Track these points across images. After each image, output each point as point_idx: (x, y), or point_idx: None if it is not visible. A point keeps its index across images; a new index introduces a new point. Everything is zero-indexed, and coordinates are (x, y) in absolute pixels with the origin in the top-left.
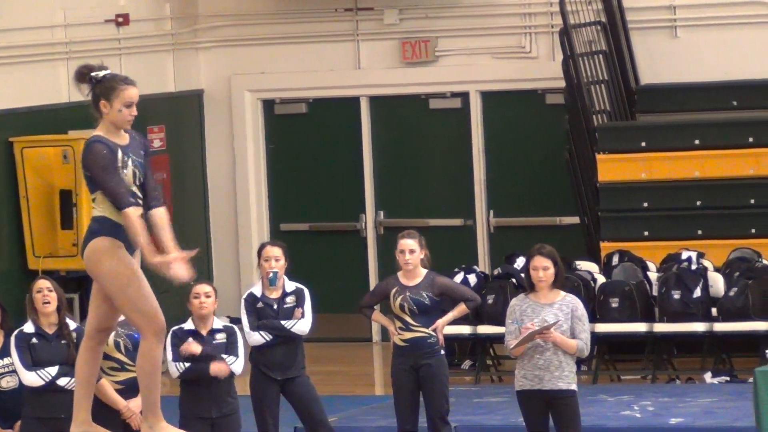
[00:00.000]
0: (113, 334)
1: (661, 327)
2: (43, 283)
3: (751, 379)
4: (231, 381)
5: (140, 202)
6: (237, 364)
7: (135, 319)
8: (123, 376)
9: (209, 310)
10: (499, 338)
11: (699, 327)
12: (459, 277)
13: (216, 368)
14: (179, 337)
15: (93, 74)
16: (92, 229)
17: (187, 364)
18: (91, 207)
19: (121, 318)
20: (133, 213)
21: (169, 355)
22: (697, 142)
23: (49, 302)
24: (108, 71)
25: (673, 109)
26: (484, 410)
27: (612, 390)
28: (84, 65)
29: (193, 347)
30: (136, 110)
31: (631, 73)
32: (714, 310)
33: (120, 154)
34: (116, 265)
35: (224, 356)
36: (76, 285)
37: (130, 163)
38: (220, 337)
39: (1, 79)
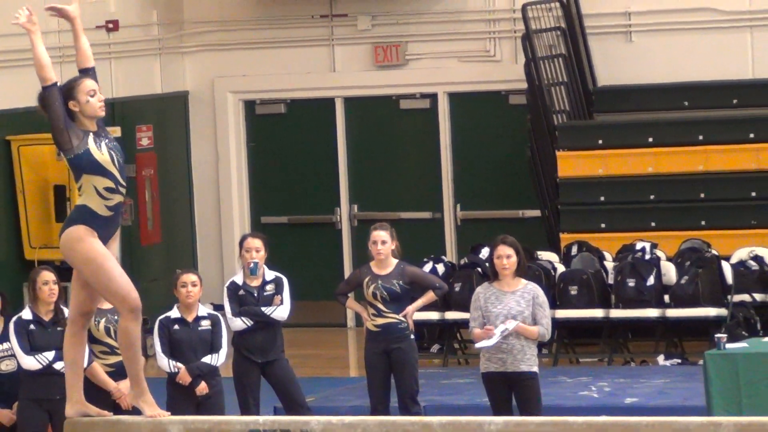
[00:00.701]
0: (103, 320)
1: (616, 313)
2: (49, 276)
3: (701, 362)
4: (215, 367)
5: (122, 189)
6: (221, 355)
7: (110, 299)
8: (113, 359)
9: (195, 298)
10: (466, 324)
11: (652, 313)
12: (428, 267)
13: (199, 389)
14: (166, 327)
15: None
16: (70, 217)
17: (175, 363)
18: None
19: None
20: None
21: (157, 347)
22: (650, 139)
23: (54, 294)
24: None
25: (628, 109)
26: (451, 391)
27: (571, 372)
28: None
29: (184, 377)
30: (102, 96)
31: (588, 76)
32: (666, 297)
33: (91, 137)
34: (88, 250)
35: (206, 359)
36: (69, 274)
37: (103, 145)
38: (205, 324)
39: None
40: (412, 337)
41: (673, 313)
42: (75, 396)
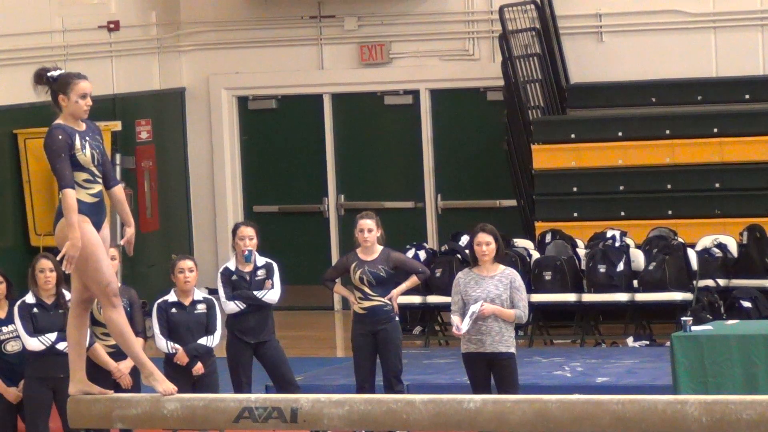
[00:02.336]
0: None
1: (588, 297)
2: (45, 264)
3: (668, 343)
4: (211, 348)
5: (99, 180)
6: (215, 337)
7: (92, 286)
8: (113, 340)
9: (192, 284)
10: (446, 307)
11: (622, 297)
12: (411, 253)
13: (195, 369)
14: (164, 310)
15: (48, 74)
16: (59, 208)
17: (173, 344)
18: None
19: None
20: (70, 194)
21: (156, 329)
22: (620, 134)
23: (50, 281)
24: (61, 71)
25: (599, 105)
26: (433, 370)
27: (546, 353)
28: (41, 68)
29: (182, 358)
30: (91, 101)
31: (562, 74)
32: (635, 282)
33: (77, 138)
34: (81, 237)
35: (201, 341)
36: None
37: (87, 145)
38: (201, 308)
39: (7, 78)
40: (397, 319)
41: (641, 297)
42: (78, 375)
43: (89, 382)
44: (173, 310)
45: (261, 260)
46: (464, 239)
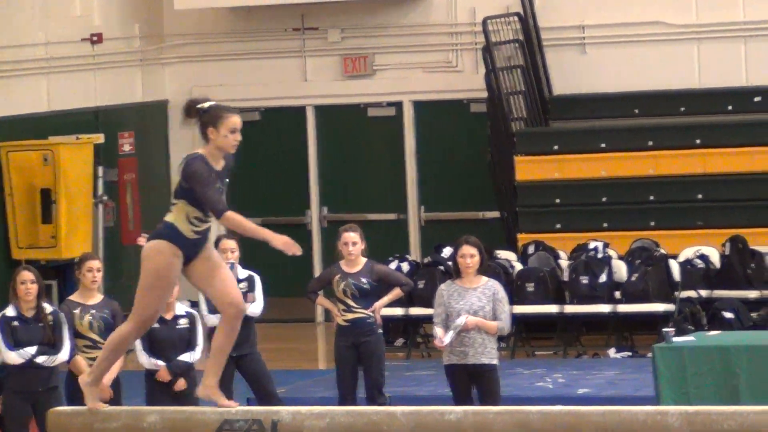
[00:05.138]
0: (87, 315)
1: (570, 308)
2: (27, 275)
3: (650, 354)
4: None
5: (209, 220)
6: (197, 352)
7: (135, 308)
8: (95, 353)
9: (175, 297)
10: (429, 319)
11: (604, 308)
12: (393, 265)
13: (177, 386)
14: None
15: (198, 106)
16: (159, 230)
17: (155, 360)
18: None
19: (95, 301)
20: (232, 215)
21: (138, 344)
22: (603, 145)
23: (30, 293)
24: (212, 102)
25: (582, 117)
26: (415, 382)
27: (528, 364)
28: (190, 100)
29: (164, 375)
30: (240, 136)
31: (545, 85)
32: (617, 293)
33: (214, 176)
34: (160, 267)
35: (183, 357)
36: (54, 273)
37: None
38: (183, 323)
39: None
40: (380, 331)
41: (623, 308)
42: (210, 380)
43: (219, 391)
44: (155, 325)
45: (243, 273)
46: (447, 251)
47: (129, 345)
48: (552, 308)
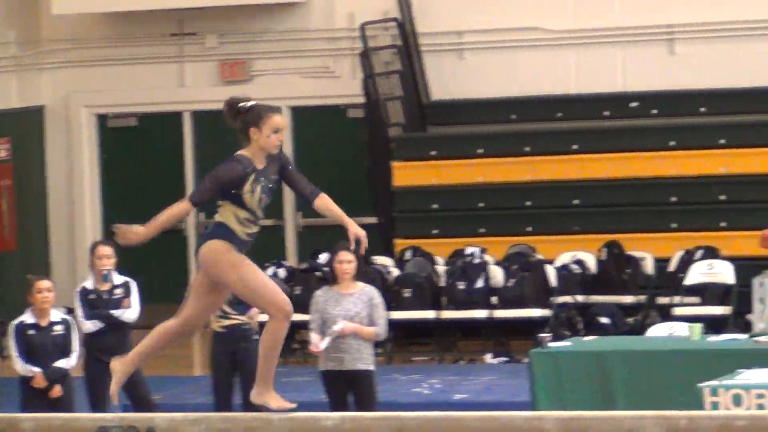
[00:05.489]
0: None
1: (447, 314)
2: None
3: (527, 360)
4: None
5: (259, 222)
6: (72, 358)
7: (260, 303)
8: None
9: (50, 303)
10: (306, 325)
11: (481, 314)
12: (270, 271)
13: (53, 392)
14: (22, 331)
15: (240, 105)
16: (211, 232)
17: (30, 367)
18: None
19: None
20: (185, 207)
21: (13, 350)
22: (480, 151)
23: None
24: (253, 101)
25: (460, 122)
26: (291, 388)
27: (404, 370)
28: (231, 98)
29: (40, 382)
30: (282, 135)
31: (423, 91)
32: (494, 299)
33: (251, 179)
34: (232, 258)
35: (59, 363)
36: None
37: (259, 188)
38: (58, 329)
39: None
40: (256, 337)
41: (500, 313)
42: (261, 385)
43: (272, 395)
44: (30, 331)
45: (119, 279)
46: (323, 257)
47: (282, 338)
48: (429, 314)
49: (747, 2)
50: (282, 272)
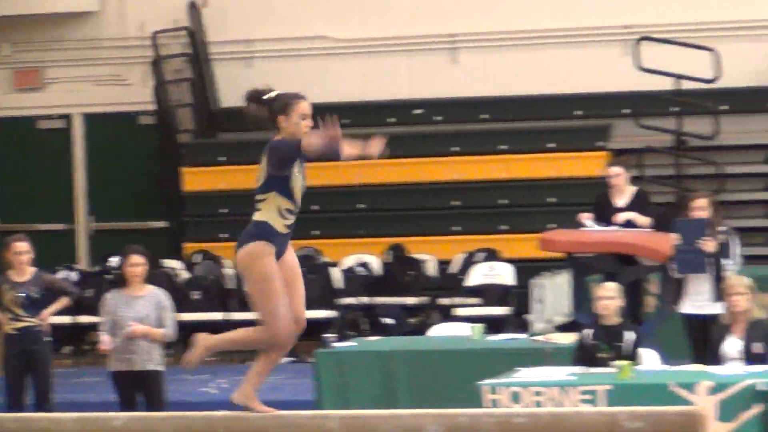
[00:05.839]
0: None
1: (237, 315)
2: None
3: (312, 360)
4: None
5: (296, 214)
6: None
7: (263, 327)
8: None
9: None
10: (96, 327)
11: None
12: (62, 274)
13: None
14: None
15: (266, 97)
16: (250, 232)
17: None
18: None
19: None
20: (308, 140)
21: None
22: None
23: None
24: (276, 91)
25: (250, 129)
26: (82, 389)
27: (195, 370)
28: (253, 90)
29: None
30: (311, 121)
31: (212, 98)
32: None
33: (297, 164)
34: (266, 269)
35: None
36: None
37: (300, 176)
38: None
39: None
40: (47, 339)
41: None
42: (246, 388)
43: (255, 398)
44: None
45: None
46: (114, 260)
47: (254, 347)
48: (217, 315)
49: (528, 13)
50: (74, 275)
